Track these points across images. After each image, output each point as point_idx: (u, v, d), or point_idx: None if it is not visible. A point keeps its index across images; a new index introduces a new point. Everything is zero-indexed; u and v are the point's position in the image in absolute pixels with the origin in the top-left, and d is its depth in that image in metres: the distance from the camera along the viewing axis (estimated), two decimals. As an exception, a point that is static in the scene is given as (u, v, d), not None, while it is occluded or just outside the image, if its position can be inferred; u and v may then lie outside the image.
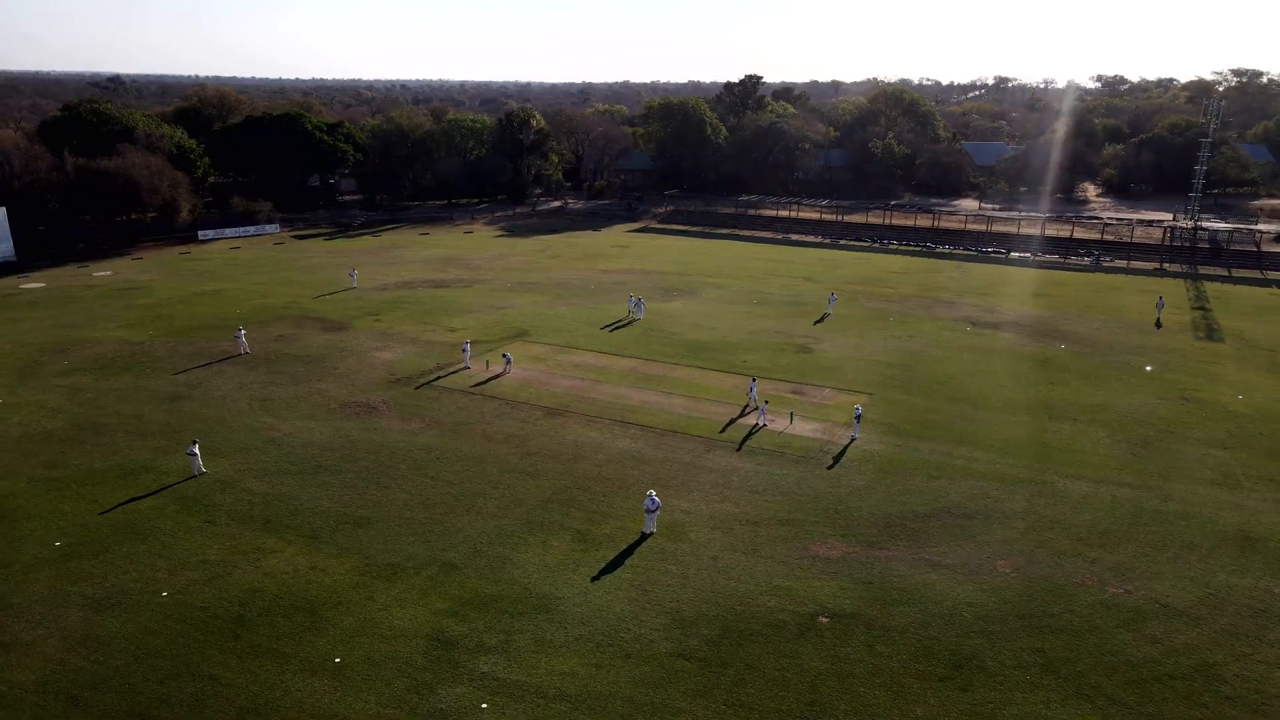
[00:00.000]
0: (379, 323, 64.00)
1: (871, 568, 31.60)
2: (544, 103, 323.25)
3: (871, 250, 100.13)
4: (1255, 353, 60.40)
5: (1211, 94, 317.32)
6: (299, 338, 59.80)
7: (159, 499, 36.26)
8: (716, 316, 67.31)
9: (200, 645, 26.75)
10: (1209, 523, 35.32)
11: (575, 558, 32.19)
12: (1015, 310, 71.44)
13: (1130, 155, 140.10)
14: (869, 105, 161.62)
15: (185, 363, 54.24)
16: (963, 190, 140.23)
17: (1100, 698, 24.82)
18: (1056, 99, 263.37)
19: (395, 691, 24.89)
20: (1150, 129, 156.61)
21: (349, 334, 60.90)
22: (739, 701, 24.64)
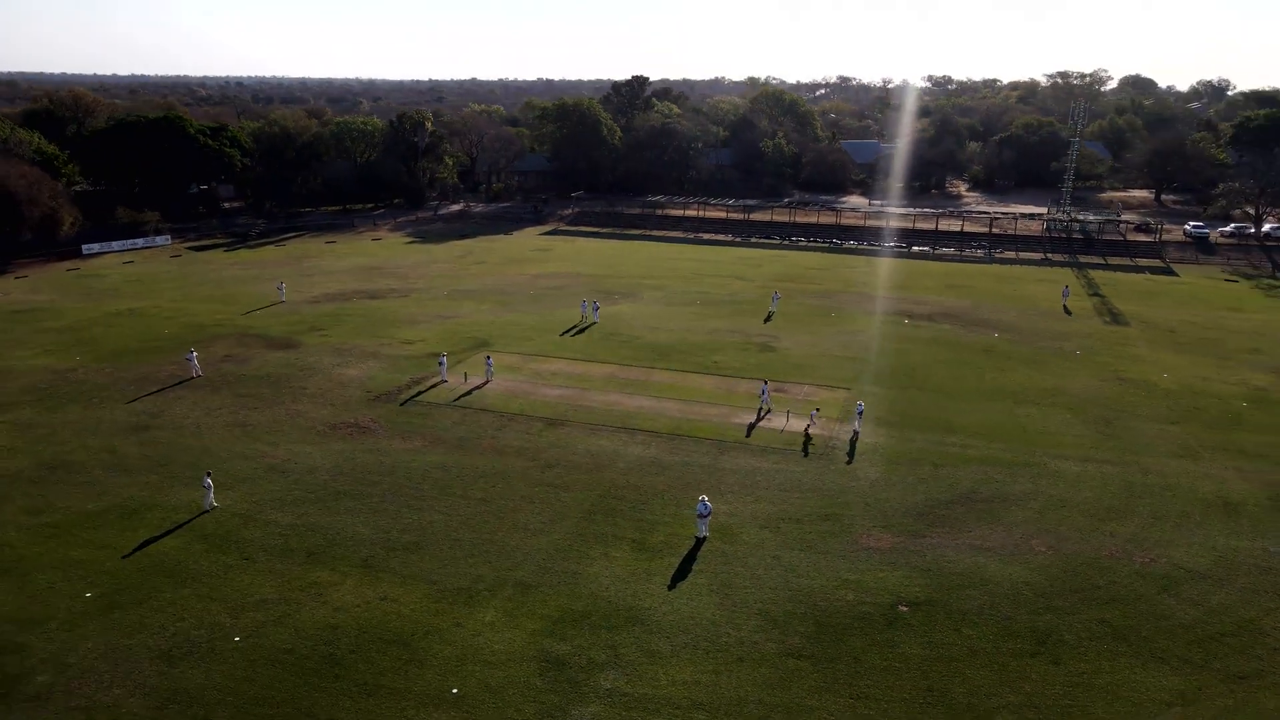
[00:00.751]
0: (327, 338, 61.44)
1: (923, 556, 33.38)
2: (395, 101, 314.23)
3: (783, 248, 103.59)
4: (1159, 334, 66.63)
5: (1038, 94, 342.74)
6: (249, 357, 56.70)
7: (179, 538, 33.99)
8: (668, 318, 68.26)
9: (303, 689, 25.52)
10: (1191, 492, 39.12)
11: (643, 567, 32.45)
12: (938, 302, 75.87)
13: (993, 153, 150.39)
14: (751, 106, 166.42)
15: (134, 389, 50.53)
16: (847, 187, 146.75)
17: (1173, 659, 27.37)
18: (908, 98, 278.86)
19: (526, 717, 24.61)
20: (1006, 128, 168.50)
21: (302, 351, 58.21)
22: (860, 694, 25.75)
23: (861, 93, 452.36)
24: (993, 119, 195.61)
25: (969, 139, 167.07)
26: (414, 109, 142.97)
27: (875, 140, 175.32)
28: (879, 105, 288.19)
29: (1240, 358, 60.33)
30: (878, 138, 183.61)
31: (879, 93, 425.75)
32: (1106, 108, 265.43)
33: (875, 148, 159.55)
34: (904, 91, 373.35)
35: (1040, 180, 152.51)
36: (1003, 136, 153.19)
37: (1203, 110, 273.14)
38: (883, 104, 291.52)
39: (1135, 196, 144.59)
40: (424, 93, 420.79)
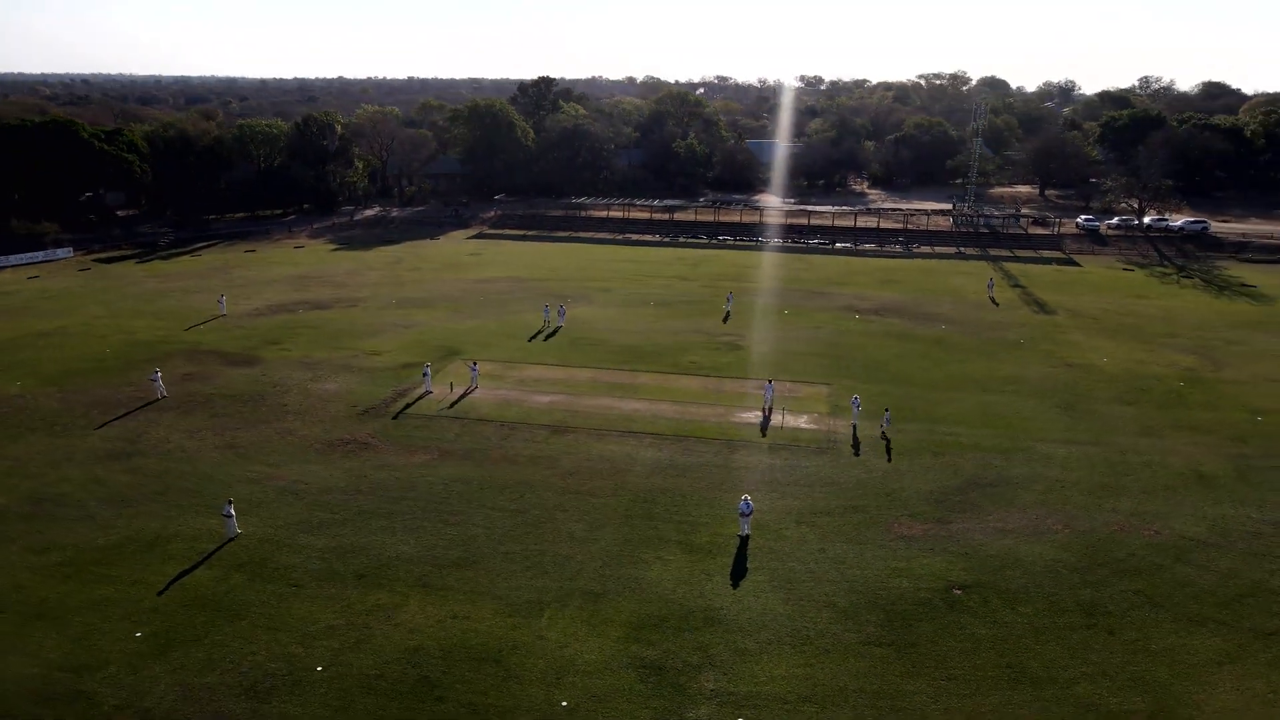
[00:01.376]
0: (288, 352, 59.12)
1: (956, 541, 35.20)
2: (264, 100, 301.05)
3: (711, 247, 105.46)
4: (1085, 321, 71.51)
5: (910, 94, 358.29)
6: (211, 375, 54.01)
7: (212, 570, 32.41)
8: (628, 320, 68.71)
9: (410, 714, 24.97)
10: (1166, 467, 42.53)
11: (700, 568, 33.02)
12: (878, 296, 79.06)
13: (891, 151, 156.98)
14: (657, 106, 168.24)
15: (97, 414, 47.45)
16: (756, 186, 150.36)
17: (1208, 621, 29.94)
18: (784, 97, 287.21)
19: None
20: (898, 127, 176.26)
21: (266, 367, 55.84)
22: (949, 675, 27.13)
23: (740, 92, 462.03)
24: (881, 119, 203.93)
25: (865, 138, 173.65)
26: (320, 110, 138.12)
27: (775, 140, 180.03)
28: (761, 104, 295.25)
29: (1161, 341, 65.47)
30: (772, 137, 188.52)
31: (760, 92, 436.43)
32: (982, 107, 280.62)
33: (780, 147, 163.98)
34: (780, 91, 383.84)
35: (934, 178, 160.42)
36: (898, 136, 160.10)
37: (1058, 110, 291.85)
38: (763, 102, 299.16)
39: (1021, 192, 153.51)
40: (291, 92, 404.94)
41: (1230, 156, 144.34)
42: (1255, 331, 68.94)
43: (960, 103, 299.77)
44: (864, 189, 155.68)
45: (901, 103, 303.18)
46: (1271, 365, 59.79)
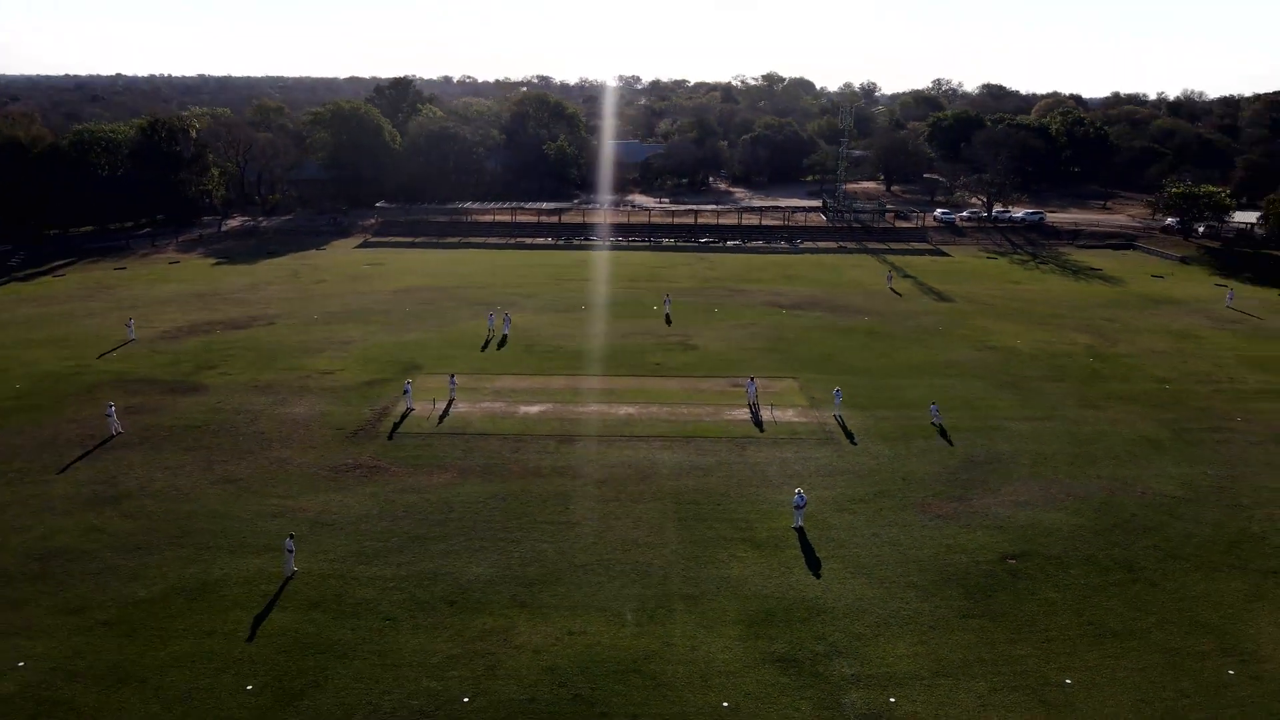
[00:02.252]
0: (230, 376, 55.32)
1: (985, 516, 38.29)
2: (41, 101, 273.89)
3: (611, 248, 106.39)
4: (982, 307, 78.03)
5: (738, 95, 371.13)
6: (158, 406, 49.83)
7: (290, 611, 30.57)
8: (571, 325, 68.77)
9: (584, 733, 24.92)
10: (1119, 435, 47.72)
11: (777, 561, 34.34)
12: (792, 291, 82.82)
13: (748, 150, 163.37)
14: (517, 108, 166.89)
15: (50, 458, 42.90)
16: (627, 187, 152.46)
17: (1223, 566, 34.33)
18: (607, 98, 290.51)
19: (805, 714, 25.96)
20: (749, 127, 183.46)
21: (216, 394, 52.08)
22: (1046, 638, 29.82)
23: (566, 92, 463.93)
24: (726, 119, 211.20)
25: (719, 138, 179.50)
26: (172, 113, 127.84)
27: (636, 140, 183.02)
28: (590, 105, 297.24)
29: (1053, 322, 72.62)
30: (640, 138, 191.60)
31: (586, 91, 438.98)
32: (811, 106, 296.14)
33: (645, 148, 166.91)
34: (604, 91, 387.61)
35: (788, 175, 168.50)
36: (754, 135, 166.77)
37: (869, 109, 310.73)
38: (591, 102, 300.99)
39: (868, 188, 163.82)
40: (70, 90, 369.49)
41: (1040, 153, 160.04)
42: (1121, 310, 77.68)
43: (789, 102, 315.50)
44: (726, 187, 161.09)
45: (731, 102, 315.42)
46: (1150, 339, 67.77)
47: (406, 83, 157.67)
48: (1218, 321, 73.83)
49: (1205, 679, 27.64)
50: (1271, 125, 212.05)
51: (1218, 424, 49.56)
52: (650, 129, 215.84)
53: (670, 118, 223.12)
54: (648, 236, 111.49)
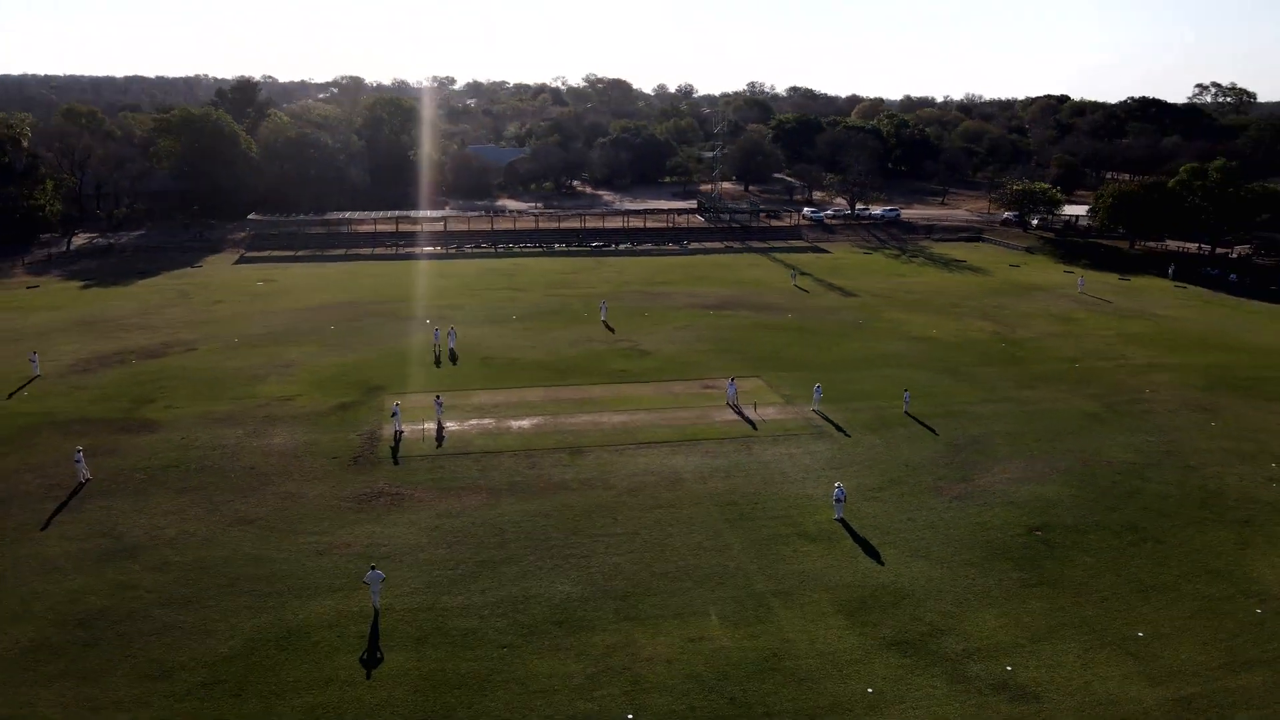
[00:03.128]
0: (178, 410, 51.24)
1: (993, 493, 41.85)
2: None
3: (507, 255, 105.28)
4: (885, 300, 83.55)
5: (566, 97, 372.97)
6: (114, 448, 45.56)
7: (403, 652, 29.43)
8: (513, 336, 68.10)
9: (761, 734, 25.79)
10: (1062, 412, 53.06)
11: (839, 552, 36.28)
12: (707, 293, 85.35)
13: (611, 153, 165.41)
14: (371, 112, 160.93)
15: (20, 514, 38.51)
16: (493, 192, 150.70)
17: (1205, 520, 39.32)
18: (425, 101, 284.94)
19: (941, 688, 27.99)
20: (601, 130, 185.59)
21: (175, 429, 48.17)
22: (1101, 598, 33.29)
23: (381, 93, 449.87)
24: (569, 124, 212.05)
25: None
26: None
27: (494, 144, 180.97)
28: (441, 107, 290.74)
29: (954, 312, 78.99)
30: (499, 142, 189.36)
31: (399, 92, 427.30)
32: (648, 109, 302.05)
33: (507, 152, 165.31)
34: (421, 92, 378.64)
35: (649, 178, 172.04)
36: (614, 139, 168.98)
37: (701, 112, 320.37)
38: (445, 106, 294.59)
39: (726, 189, 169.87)
40: None
41: (877, 153, 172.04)
42: (1003, 298, 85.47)
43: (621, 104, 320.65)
44: (591, 191, 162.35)
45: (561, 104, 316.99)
46: (1040, 323, 75.20)
47: (251, 86, 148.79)
48: (1084, 305, 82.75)
49: (1241, 619, 31.91)
50: (1057, 126, 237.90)
51: (1134, 397, 56.03)
52: (497, 132, 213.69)
53: (518, 121, 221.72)
54: (539, 242, 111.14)
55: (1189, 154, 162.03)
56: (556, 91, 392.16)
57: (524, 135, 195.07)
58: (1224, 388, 57.96)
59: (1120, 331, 72.78)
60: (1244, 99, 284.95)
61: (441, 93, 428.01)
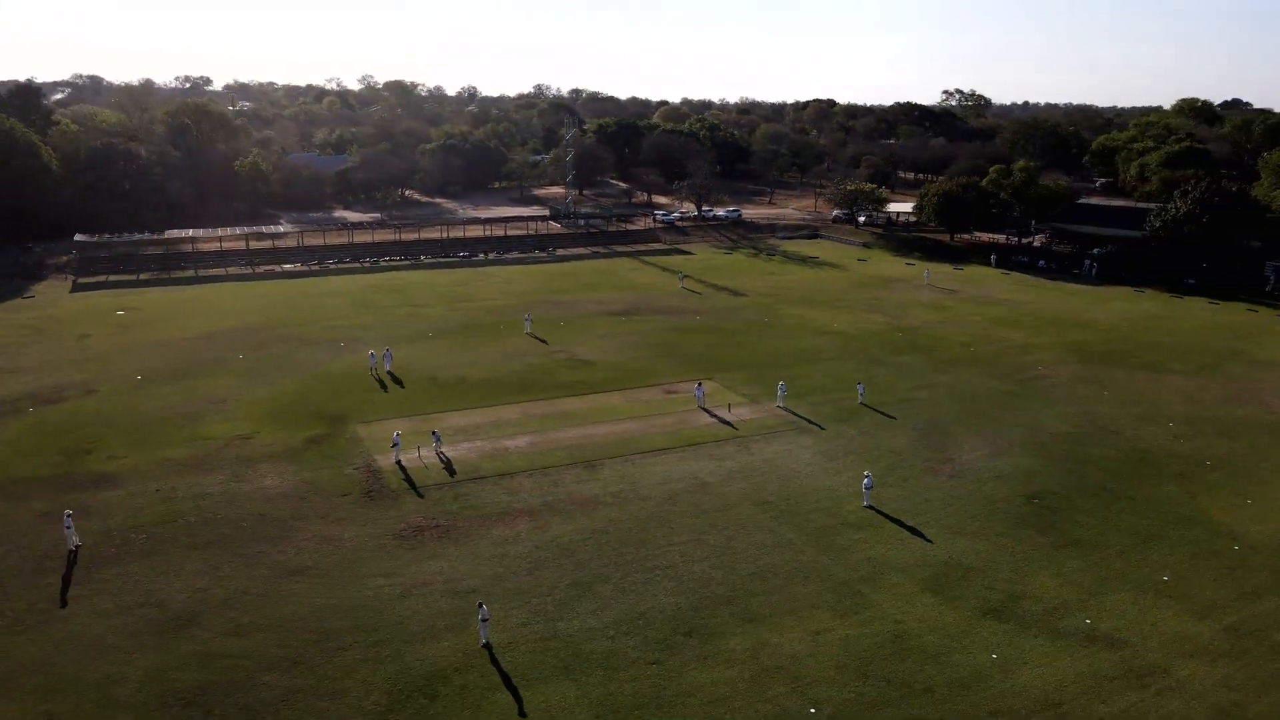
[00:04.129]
0: (125, 460, 46.15)
1: (979, 469, 46.56)
2: None
3: (378, 269, 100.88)
4: (774, 298, 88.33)
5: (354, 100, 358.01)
6: (81, 507, 40.50)
7: (556, 684, 29.14)
8: (442, 355, 66.27)
9: (959, 703, 28.09)
10: (986, 391, 59.31)
11: (890, 537, 39.33)
12: (609, 299, 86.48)
13: (441, 160, 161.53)
14: (172, 119, 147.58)
15: (26, 595, 33.89)
16: (325, 202, 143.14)
17: (1155, 476, 45.84)
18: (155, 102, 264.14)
19: (1050, 645, 31.56)
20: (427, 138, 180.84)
21: (139, 480, 43.54)
22: (1120, 551, 38.35)
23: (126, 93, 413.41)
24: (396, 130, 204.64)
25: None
26: None
27: (314, 152, 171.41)
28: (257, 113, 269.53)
29: (843, 305, 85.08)
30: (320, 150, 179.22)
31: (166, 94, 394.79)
32: (448, 113, 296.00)
33: (334, 161, 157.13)
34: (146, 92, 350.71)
35: (481, 184, 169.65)
36: (444, 145, 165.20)
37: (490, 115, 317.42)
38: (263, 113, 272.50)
39: (558, 193, 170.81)
40: None
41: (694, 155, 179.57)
42: (874, 290, 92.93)
43: (413, 108, 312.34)
44: (426, 199, 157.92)
45: (350, 108, 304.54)
46: (919, 312, 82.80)
47: (33, 90, 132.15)
48: (942, 294, 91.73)
49: (1229, 557, 38.00)
50: (841, 128, 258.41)
51: (1032, 374, 63.52)
52: (304, 138, 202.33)
53: (325, 127, 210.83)
54: (404, 255, 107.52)
55: (965, 154, 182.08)
56: (345, 95, 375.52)
57: (335, 141, 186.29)
58: (1095, 361, 66.88)
59: (986, 316, 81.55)
60: (981, 102, 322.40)
61: (199, 94, 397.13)
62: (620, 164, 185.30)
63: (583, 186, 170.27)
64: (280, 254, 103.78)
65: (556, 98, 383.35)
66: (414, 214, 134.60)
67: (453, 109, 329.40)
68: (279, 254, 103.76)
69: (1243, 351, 70.46)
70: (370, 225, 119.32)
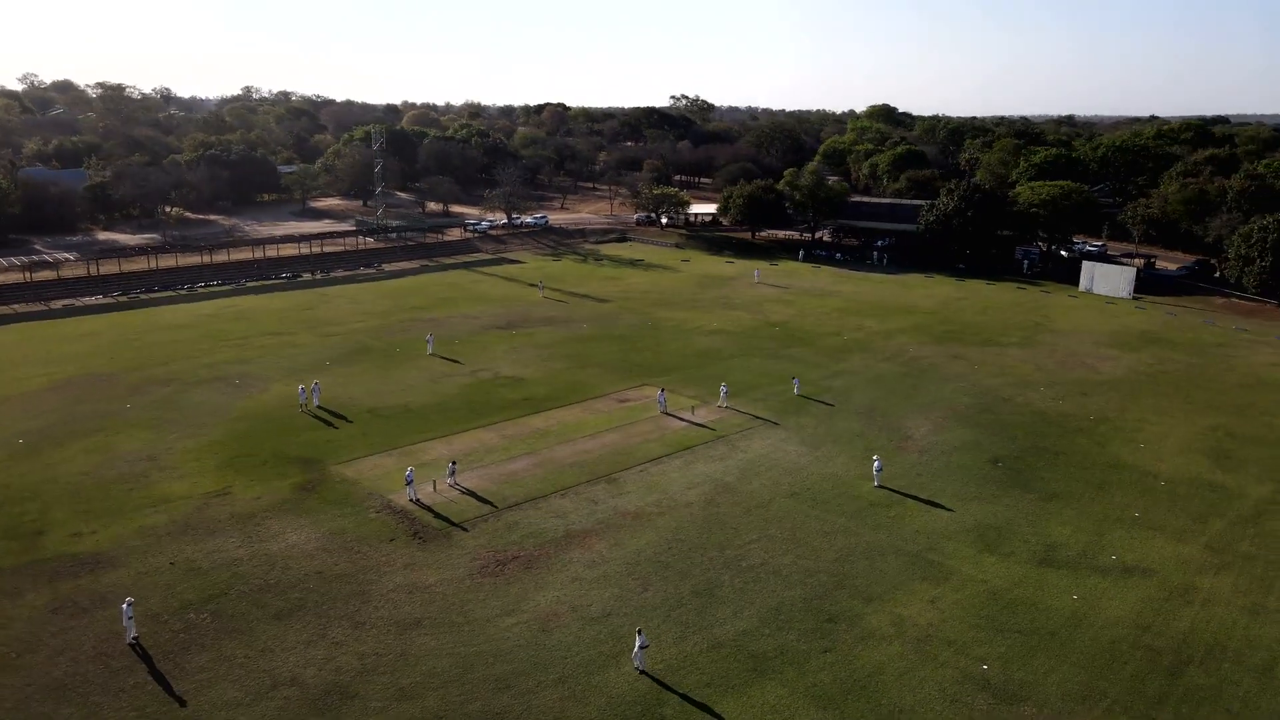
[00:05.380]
0: (94, 536, 40.04)
1: (937, 442, 52.95)
2: None
3: (199, 298, 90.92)
4: (640, 302, 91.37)
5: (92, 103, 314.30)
6: (102, 591, 35.05)
7: (765, 688, 30.55)
8: (358, 385, 62.58)
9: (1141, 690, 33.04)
10: (887, 375, 66.62)
11: (916, 510, 44.09)
12: (482, 313, 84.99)
13: (206, 172, 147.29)
14: None
15: (114, 702, 29.29)
16: (79, 223, 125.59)
17: (1061, 433, 54.72)
18: None
19: (1099, 582, 37.79)
20: (172, 149, 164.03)
21: (138, 558, 38.14)
22: (1090, 499, 45.86)
23: None
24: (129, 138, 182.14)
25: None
26: None
27: (48, 166, 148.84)
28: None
29: (708, 306, 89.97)
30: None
31: None
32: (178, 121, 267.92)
33: (76, 175, 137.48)
34: None
35: (248, 197, 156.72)
36: (209, 155, 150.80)
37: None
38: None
39: (336, 204, 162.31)
40: None
41: (476, 162, 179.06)
42: (723, 289, 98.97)
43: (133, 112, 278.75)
44: (193, 215, 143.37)
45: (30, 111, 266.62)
46: (775, 307, 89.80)
47: None
48: (779, 288, 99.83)
49: (1162, 491, 46.77)
50: (595, 133, 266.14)
51: (909, 356, 72.05)
52: (13, 150, 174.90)
53: (46, 135, 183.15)
54: (221, 279, 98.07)
55: (723, 156, 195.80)
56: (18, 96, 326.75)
57: (55, 152, 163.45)
58: (947, 341, 77.00)
59: (829, 307, 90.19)
60: (705, 106, 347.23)
61: None
62: (403, 174, 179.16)
63: (366, 198, 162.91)
64: (72, 286, 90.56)
65: (279, 100, 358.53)
66: (199, 234, 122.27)
67: (215, 116, 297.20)
68: (70, 286, 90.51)
69: (1044, 324, 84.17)
70: (157, 249, 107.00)
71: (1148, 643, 33.30)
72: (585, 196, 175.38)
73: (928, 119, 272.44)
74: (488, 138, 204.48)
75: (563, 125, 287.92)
